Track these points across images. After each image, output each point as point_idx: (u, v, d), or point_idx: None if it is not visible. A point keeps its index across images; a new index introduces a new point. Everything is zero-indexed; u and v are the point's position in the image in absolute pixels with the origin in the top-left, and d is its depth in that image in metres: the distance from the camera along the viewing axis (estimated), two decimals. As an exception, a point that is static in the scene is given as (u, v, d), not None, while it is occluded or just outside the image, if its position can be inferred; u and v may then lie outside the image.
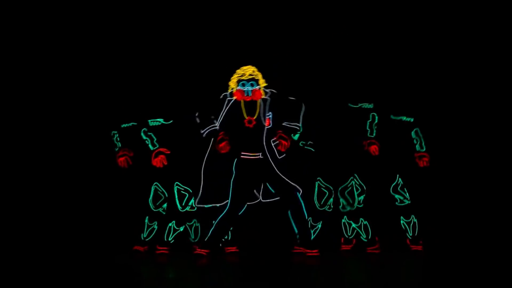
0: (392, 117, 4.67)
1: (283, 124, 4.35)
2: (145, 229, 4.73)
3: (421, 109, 5.08)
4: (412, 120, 4.68)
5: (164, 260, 4.48)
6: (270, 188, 4.38)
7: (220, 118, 4.41)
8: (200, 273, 3.93)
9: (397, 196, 4.60)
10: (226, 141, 4.28)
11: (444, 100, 5.35)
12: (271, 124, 4.41)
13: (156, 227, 4.74)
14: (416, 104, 5.07)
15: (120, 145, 4.74)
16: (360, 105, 4.68)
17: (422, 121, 4.76)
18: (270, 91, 4.50)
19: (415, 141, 4.64)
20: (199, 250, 4.26)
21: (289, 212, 4.32)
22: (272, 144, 4.36)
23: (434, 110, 5.28)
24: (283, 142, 4.28)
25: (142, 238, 4.70)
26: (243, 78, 4.44)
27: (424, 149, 4.62)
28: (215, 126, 4.38)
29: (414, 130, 4.67)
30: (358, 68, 5.35)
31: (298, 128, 4.39)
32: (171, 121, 4.75)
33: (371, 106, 4.66)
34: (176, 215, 4.67)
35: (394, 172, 4.63)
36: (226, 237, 4.62)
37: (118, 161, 4.68)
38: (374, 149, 4.52)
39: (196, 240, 4.74)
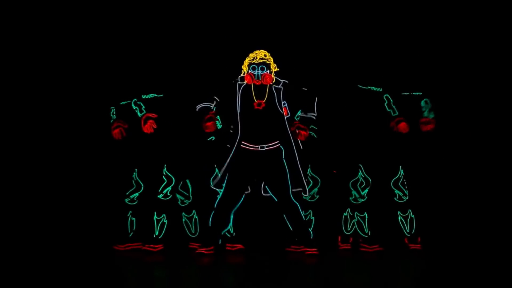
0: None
1: (300, 114, 4.44)
2: (129, 224, 4.61)
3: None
4: (420, 94, 4.69)
5: (157, 258, 4.29)
6: (267, 188, 4.34)
7: (238, 103, 4.35)
8: (200, 272, 3.85)
9: (397, 191, 4.61)
10: (214, 122, 4.23)
11: (445, 98, 5.34)
12: (289, 114, 4.45)
13: (133, 218, 4.62)
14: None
15: (114, 118, 4.61)
16: (369, 87, 4.68)
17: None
18: (283, 81, 4.48)
19: (423, 109, 4.63)
20: (201, 249, 4.19)
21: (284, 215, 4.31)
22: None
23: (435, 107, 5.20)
24: (302, 132, 4.33)
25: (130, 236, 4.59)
26: (254, 61, 4.41)
27: (432, 117, 4.60)
28: (210, 105, 4.34)
29: (424, 100, 4.67)
30: (364, 50, 5.31)
31: (314, 118, 4.46)
32: (162, 94, 4.63)
33: (380, 89, 4.67)
34: (155, 204, 4.52)
35: (397, 163, 4.63)
36: (231, 233, 4.55)
37: (113, 133, 4.54)
38: (404, 126, 4.51)
39: (195, 236, 4.68)
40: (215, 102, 4.37)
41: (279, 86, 4.45)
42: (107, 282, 3.44)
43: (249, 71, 4.40)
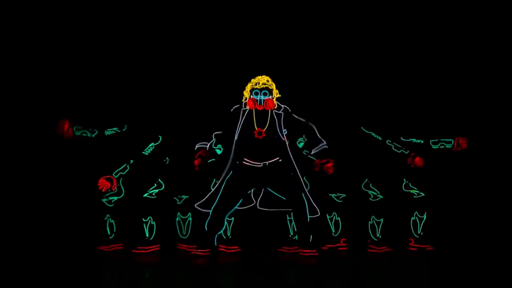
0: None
1: (313, 153, 4.52)
2: (107, 226, 4.66)
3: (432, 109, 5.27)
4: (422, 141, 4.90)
5: (151, 260, 4.38)
6: (273, 192, 4.40)
7: (238, 129, 4.43)
8: (195, 272, 3.93)
9: (412, 191, 4.80)
10: (200, 160, 4.38)
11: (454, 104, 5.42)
12: (288, 141, 4.50)
13: (112, 221, 4.68)
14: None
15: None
16: (370, 132, 4.85)
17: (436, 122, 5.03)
18: (284, 107, 4.51)
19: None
20: (196, 250, 4.33)
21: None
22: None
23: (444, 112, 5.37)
24: (328, 165, 4.39)
25: (110, 237, 4.65)
26: (256, 87, 4.43)
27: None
28: (206, 144, 4.46)
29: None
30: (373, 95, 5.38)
31: (326, 147, 4.48)
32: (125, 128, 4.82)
33: (379, 138, 4.83)
34: (138, 204, 4.63)
35: (401, 177, 4.85)
36: (227, 236, 4.63)
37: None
38: (419, 160, 4.69)
39: (185, 237, 4.74)
40: (213, 139, 4.47)
41: (280, 112, 4.45)
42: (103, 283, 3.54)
43: (252, 96, 4.40)
